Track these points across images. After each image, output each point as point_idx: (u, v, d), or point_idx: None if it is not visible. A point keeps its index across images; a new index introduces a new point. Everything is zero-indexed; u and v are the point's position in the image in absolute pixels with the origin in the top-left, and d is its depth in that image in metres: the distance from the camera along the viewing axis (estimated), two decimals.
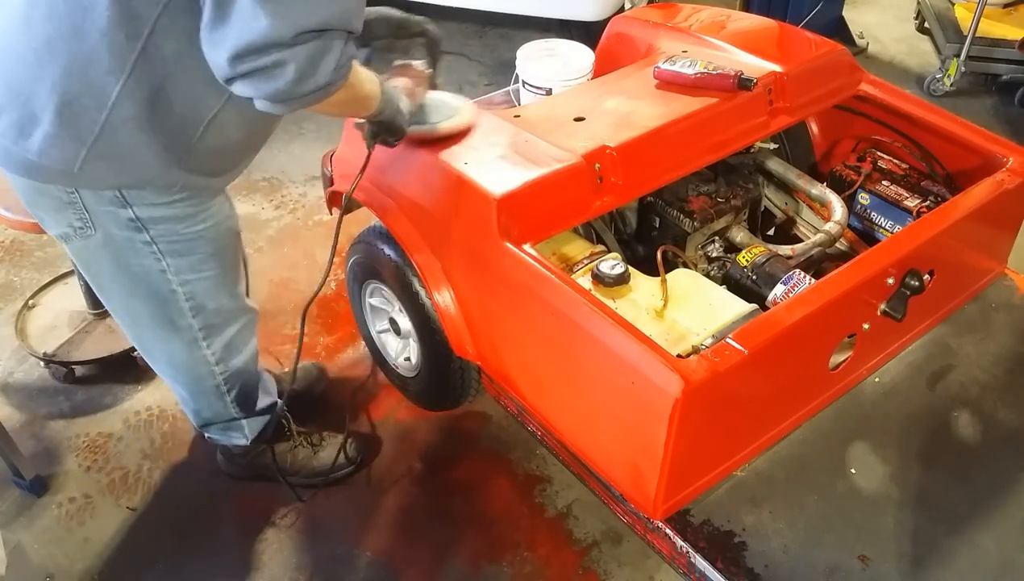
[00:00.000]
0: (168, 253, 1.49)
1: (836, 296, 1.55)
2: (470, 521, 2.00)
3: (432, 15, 1.80)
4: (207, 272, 1.57)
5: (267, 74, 1.16)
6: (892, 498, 1.61)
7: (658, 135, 1.79)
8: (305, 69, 1.17)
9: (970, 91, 3.76)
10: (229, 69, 1.16)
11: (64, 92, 1.26)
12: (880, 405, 1.79)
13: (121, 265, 1.50)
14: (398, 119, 1.52)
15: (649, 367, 1.39)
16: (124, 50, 1.23)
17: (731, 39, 2.13)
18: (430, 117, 1.73)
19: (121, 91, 1.25)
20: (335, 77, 1.23)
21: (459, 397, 2.10)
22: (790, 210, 2.25)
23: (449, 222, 1.73)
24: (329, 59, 1.19)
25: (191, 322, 1.62)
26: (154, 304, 1.57)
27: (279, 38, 1.12)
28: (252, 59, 1.14)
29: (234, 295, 1.69)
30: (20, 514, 2.02)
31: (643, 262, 1.90)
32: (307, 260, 2.78)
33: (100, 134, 1.29)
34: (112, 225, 1.43)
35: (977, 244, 1.96)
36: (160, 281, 1.53)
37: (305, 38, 1.15)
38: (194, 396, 1.82)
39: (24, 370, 2.39)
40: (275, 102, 1.21)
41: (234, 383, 1.80)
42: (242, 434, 1.92)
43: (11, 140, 1.31)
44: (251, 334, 1.81)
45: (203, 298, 1.60)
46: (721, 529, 1.55)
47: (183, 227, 1.48)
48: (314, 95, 1.22)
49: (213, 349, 1.69)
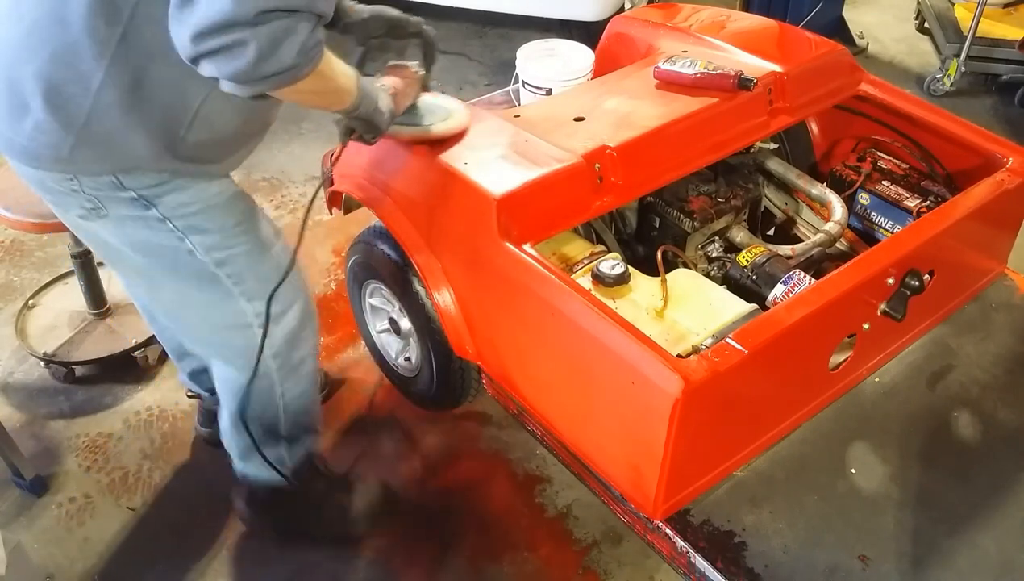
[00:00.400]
0: (188, 230, 1.44)
1: (836, 296, 1.55)
2: (470, 521, 2.00)
3: (432, 15, 1.80)
4: (237, 246, 1.50)
5: (228, 53, 1.15)
6: (892, 498, 1.61)
7: (658, 135, 1.79)
8: (266, 49, 1.15)
9: (970, 91, 3.76)
10: (192, 48, 1.16)
11: (50, 78, 1.26)
12: (880, 405, 1.78)
13: (150, 245, 1.45)
14: (375, 117, 1.47)
15: (649, 367, 1.39)
16: (104, 36, 1.23)
17: (731, 39, 2.13)
18: (424, 119, 1.72)
19: (105, 78, 1.25)
20: (299, 60, 1.20)
21: (459, 397, 2.10)
22: (790, 210, 2.25)
23: (449, 222, 1.72)
24: (292, 41, 1.18)
25: (245, 307, 1.53)
26: (200, 289, 1.51)
27: (241, 16, 1.12)
28: (213, 38, 1.13)
29: (279, 268, 1.53)
30: (20, 514, 2.02)
31: (643, 262, 1.90)
32: (307, 260, 2.78)
33: (87, 120, 1.29)
34: (120, 207, 1.40)
35: (977, 244, 1.96)
36: (193, 262, 1.47)
37: (267, 17, 1.14)
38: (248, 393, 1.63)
39: (24, 370, 2.39)
40: (238, 83, 1.20)
41: (290, 388, 1.67)
42: (283, 462, 1.78)
43: (8, 126, 1.33)
44: (310, 322, 1.68)
45: (247, 276, 1.52)
46: (721, 529, 1.55)
47: (189, 197, 1.43)
48: (278, 77, 1.20)
49: (271, 340, 1.57)
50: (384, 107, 1.49)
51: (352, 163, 1.95)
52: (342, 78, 1.38)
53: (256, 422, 1.70)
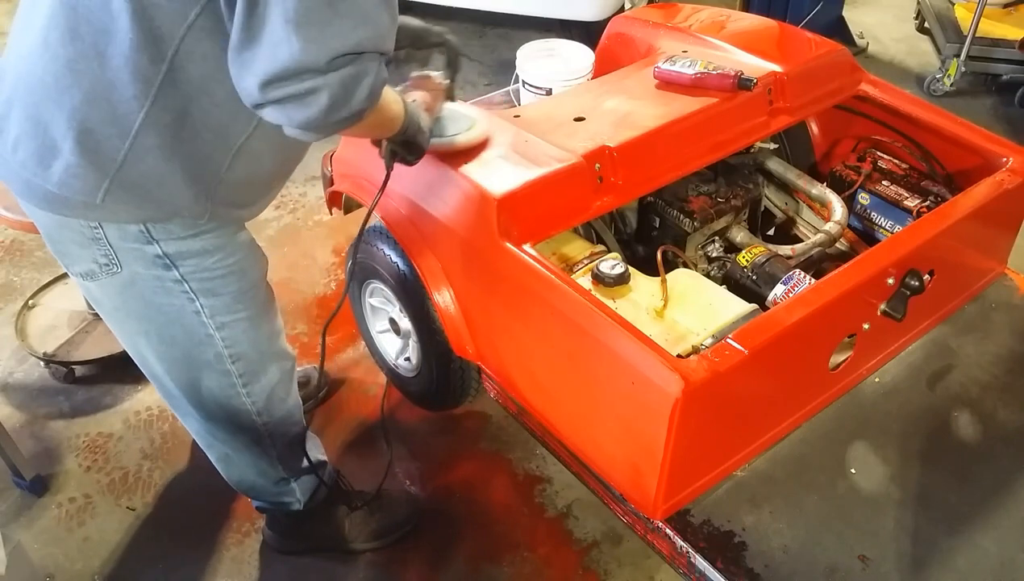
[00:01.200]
0: (201, 292, 1.40)
1: (836, 296, 1.55)
2: (470, 521, 2.00)
3: (432, 15, 1.80)
4: (242, 312, 1.47)
5: (300, 101, 1.09)
6: (892, 498, 1.61)
7: (658, 135, 1.79)
8: (339, 95, 1.10)
9: (970, 91, 3.76)
10: (259, 95, 1.09)
11: (85, 119, 1.19)
12: (880, 405, 1.78)
13: (152, 306, 1.40)
14: (419, 138, 1.43)
15: (649, 367, 1.39)
16: (148, 74, 1.16)
17: (731, 39, 2.12)
18: (447, 130, 1.69)
19: (145, 118, 1.19)
20: (369, 103, 1.16)
21: (459, 397, 2.10)
22: (790, 210, 2.25)
23: (449, 222, 1.72)
24: (364, 84, 1.13)
25: (229, 367, 1.50)
26: (190, 348, 1.46)
27: (313, 63, 1.06)
28: (284, 85, 1.07)
29: (272, 336, 1.56)
30: (20, 514, 2.02)
31: (643, 262, 1.90)
32: (307, 260, 2.78)
33: (123, 163, 1.22)
34: (138, 264, 1.34)
35: (977, 244, 1.96)
36: (195, 323, 1.43)
37: (340, 63, 1.08)
38: (237, 452, 1.67)
39: (24, 370, 2.39)
40: (307, 129, 1.14)
41: (278, 437, 1.66)
42: (294, 497, 1.79)
43: (31, 172, 1.24)
44: (291, 382, 1.68)
45: (241, 341, 1.49)
46: (721, 529, 1.55)
47: (213, 261, 1.39)
48: (347, 121, 1.15)
49: (254, 398, 1.57)
50: (425, 126, 1.45)
51: (352, 163, 1.95)
52: (395, 106, 1.34)
53: (255, 481, 1.74)
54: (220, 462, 1.73)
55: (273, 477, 1.73)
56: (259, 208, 1.48)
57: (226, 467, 1.74)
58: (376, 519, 1.94)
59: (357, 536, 1.92)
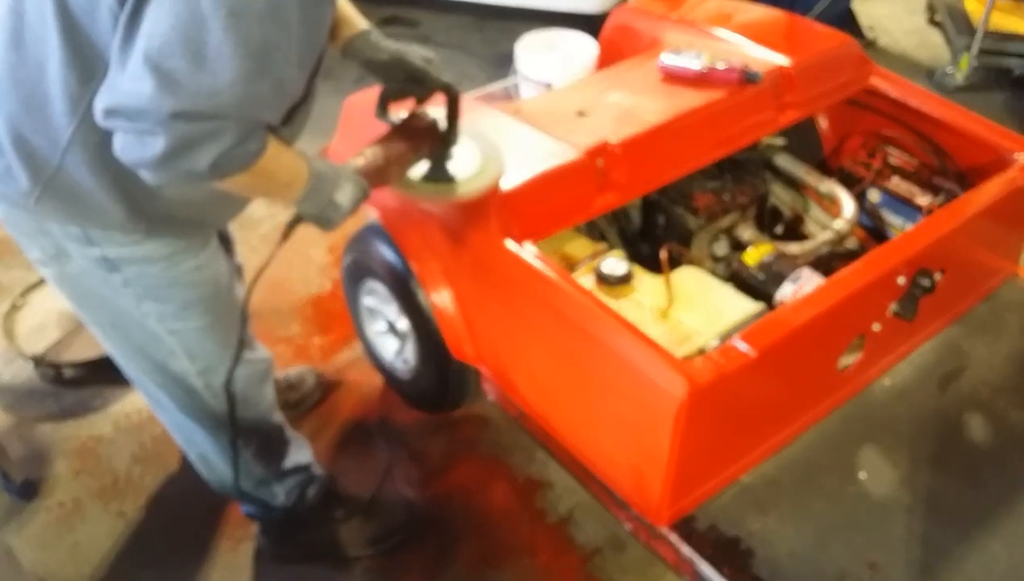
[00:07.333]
0: (147, 297, 1.39)
1: (845, 296, 1.53)
2: (468, 526, 1.98)
3: (432, 8, 1.75)
4: (194, 321, 1.45)
5: (136, 139, 1.07)
6: (902, 503, 1.61)
7: (663, 131, 1.77)
8: (177, 150, 1.06)
9: (982, 85, 3.72)
10: (103, 120, 1.08)
11: (20, 125, 1.21)
12: (890, 408, 1.78)
13: (103, 299, 1.40)
14: (327, 212, 1.31)
15: (653, 369, 1.37)
16: (76, 94, 1.17)
17: (737, 31, 2.10)
18: (448, 175, 1.54)
19: (73, 135, 1.20)
20: (216, 171, 1.10)
21: (458, 399, 2.08)
22: (798, 207, 2.22)
23: (448, 220, 1.69)
24: (210, 147, 1.07)
25: (187, 366, 1.49)
26: (144, 343, 1.45)
27: (155, 110, 1.03)
28: (122, 120, 1.06)
29: (231, 345, 1.48)
30: (9, 519, 2.00)
31: (648, 260, 1.87)
32: (301, 259, 2.75)
33: (55, 174, 1.23)
34: (83, 260, 1.35)
35: (989, 243, 1.94)
36: (146, 323, 1.42)
37: (185, 118, 1.04)
38: (216, 453, 1.66)
39: (12, 372, 2.36)
40: (140, 169, 1.10)
41: (251, 438, 1.64)
42: (276, 501, 1.78)
43: None
44: (263, 383, 1.65)
45: (195, 347, 1.48)
46: (727, 535, 1.54)
47: (157, 270, 1.37)
48: (192, 177, 1.10)
49: (219, 398, 1.51)
50: (344, 199, 1.32)
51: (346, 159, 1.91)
52: (285, 174, 1.25)
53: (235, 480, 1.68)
54: (199, 462, 1.73)
55: (253, 478, 1.72)
56: (215, 224, 1.46)
57: (205, 467, 1.73)
58: (372, 525, 1.93)
59: (353, 542, 1.91)
